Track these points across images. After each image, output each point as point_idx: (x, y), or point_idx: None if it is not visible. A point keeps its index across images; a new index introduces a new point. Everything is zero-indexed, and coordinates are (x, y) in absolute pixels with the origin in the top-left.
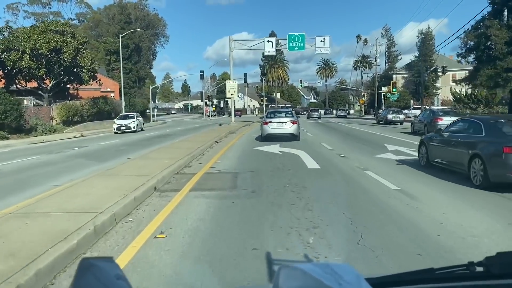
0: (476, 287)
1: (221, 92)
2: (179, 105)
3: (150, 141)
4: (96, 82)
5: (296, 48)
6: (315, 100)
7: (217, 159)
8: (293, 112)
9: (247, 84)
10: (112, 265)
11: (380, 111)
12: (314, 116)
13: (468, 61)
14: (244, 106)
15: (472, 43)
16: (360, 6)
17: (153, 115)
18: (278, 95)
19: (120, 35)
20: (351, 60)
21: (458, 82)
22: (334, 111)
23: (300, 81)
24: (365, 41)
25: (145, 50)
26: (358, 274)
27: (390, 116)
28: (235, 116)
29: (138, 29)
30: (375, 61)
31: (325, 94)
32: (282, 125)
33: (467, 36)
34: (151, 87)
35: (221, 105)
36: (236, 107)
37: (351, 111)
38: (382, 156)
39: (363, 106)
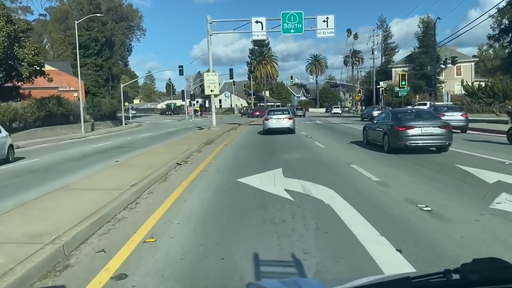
0: None
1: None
2: (162, 105)
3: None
4: (45, 77)
5: (292, 31)
6: (305, 98)
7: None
8: (290, 110)
9: (234, 82)
10: None
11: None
12: (299, 114)
13: (503, 45)
14: (231, 105)
15: (507, 22)
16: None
17: (128, 117)
18: (267, 93)
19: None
20: (340, 57)
21: (489, 73)
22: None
23: (291, 77)
24: (356, 36)
25: (119, 44)
26: None
27: (375, 113)
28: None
29: (100, 15)
30: (372, 53)
31: (316, 91)
32: (280, 121)
33: (502, 14)
34: (122, 85)
35: (207, 105)
36: (222, 107)
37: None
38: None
39: (359, 103)
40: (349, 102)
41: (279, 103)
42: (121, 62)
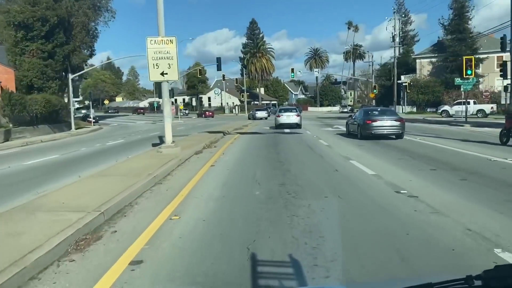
0: None
1: (193, 87)
2: (145, 103)
3: None
4: None
5: None
6: (303, 96)
7: None
8: (297, 108)
9: (224, 76)
10: None
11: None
12: (260, 116)
13: None
14: (221, 103)
15: None
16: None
17: (89, 118)
18: (262, 90)
19: None
20: (338, 55)
21: None
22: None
23: (292, 70)
24: (356, 28)
25: (79, 28)
26: None
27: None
28: (204, 116)
29: None
30: (393, 40)
31: (316, 88)
32: (290, 117)
33: None
34: (70, 76)
35: (194, 103)
36: (212, 105)
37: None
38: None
39: (373, 101)
40: (350, 101)
41: (275, 102)
42: (86, 50)
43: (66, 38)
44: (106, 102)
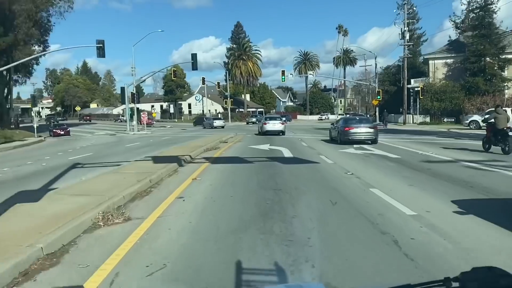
0: None
1: (170, 92)
2: (118, 109)
3: None
4: None
5: None
6: (292, 103)
7: None
8: (281, 117)
9: (203, 79)
10: None
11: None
12: (213, 124)
13: None
14: (203, 110)
15: None
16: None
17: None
18: (248, 96)
19: None
20: (326, 60)
21: None
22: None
23: (283, 73)
24: (345, 32)
25: (23, 17)
26: None
27: None
28: (84, 120)
29: None
30: (403, 37)
31: (306, 95)
32: (275, 125)
33: None
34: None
35: (171, 110)
36: (192, 113)
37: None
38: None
39: (376, 108)
40: (340, 109)
41: (261, 109)
42: (36, 45)
43: (5, 29)
44: (77, 108)
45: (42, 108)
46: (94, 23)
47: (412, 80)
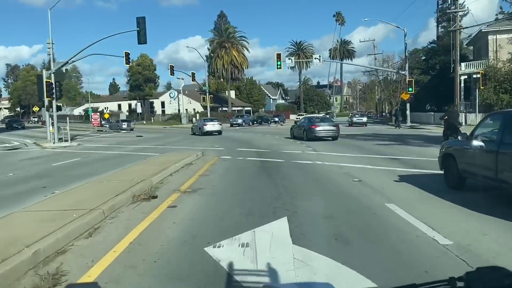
0: None
1: (137, 88)
2: (80, 110)
3: None
4: None
5: None
6: (283, 101)
7: None
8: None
9: (171, 68)
10: None
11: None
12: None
13: None
14: (179, 110)
15: None
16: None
17: None
18: (232, 93)
19: None
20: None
21: None
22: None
23: (278, 57)
24: (342, 21)
25: None
26: None
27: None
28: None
29: None
30: (453, 3)
31: (300, 91)
32: (214, 126)
33: None
34: None
35: (140, 109)
36: (166, 112)
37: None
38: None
39: (407, 105)
40: (336, 107)
41: (249, 108)
42: None
43: None
44: (35, 109)
45: (1, 109)
46: (79, 22)
47: (463, 64)
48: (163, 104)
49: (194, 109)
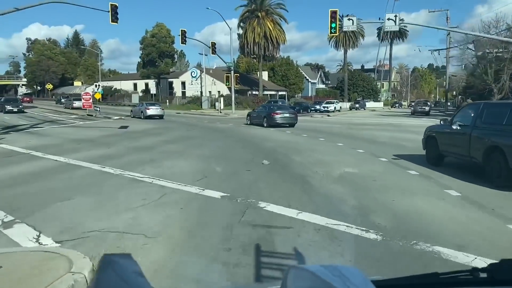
0: None
1: (151, 63)
2: (90, 89)
3: None
4: None
5: None
6: (324, 86)
7: None
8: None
9: (183, 34)
10: (131, 262)
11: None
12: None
13: None
14: (201, 92)
15: None
16: None
17: None
18: (265, 74)
19: None
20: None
21: None
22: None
23: (333, 17)
24: None
25: None
26: (364, 277)
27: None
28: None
29: None
30: None
31: (344, 73)
32: (157, 110)
33: None
34: None
35: (154, 89)
36: (186, 94)
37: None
38: None
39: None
40: (383, 94)
41: (283, 92)
42: None
43: None
44: (48, 86)
45: (19, 85)
46: None
47: None
48: (184, 84)
49: (218, 92)
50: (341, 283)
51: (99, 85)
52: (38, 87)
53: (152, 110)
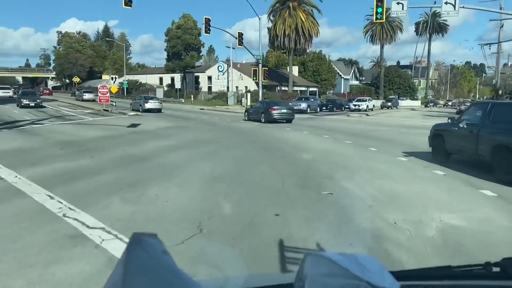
0: (491, 287)
1: (176, 56)
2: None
3: None
4: None
5: None
6: (357, 82)
7: None
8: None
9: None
10: (158, 241)
11: None
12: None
13: None
14: (228, 87)
15: None
16: None
17: None
18: (295, 70)
19: None
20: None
21: None
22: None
23: (380, 15)
24: None
25: None
26: (381, 265)
27: None
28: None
29: None
30: None
31: (380, 69)
32: (155, 104)
33: None
34: None
35: (178, 84)
36: (212, 90)
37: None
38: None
39: None
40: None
41: (314, 88)
42: None
43: None
44: (75, 79)
45: (49, 78)
46: None
47: None
48: (210, 79)
49: (246, 87)
50: (358, 271)
51: (115, 78)
52: (66, 80)
53: (150, 104)
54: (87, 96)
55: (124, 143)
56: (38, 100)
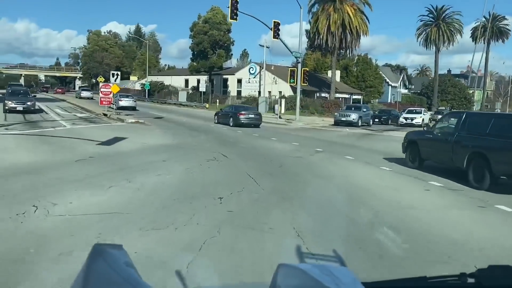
0: None
1: (202, 55)
2: (143, 81)
3: None
4: None
5: None
6: (406, 91)
7: None
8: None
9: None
10: (122, 252)
11: None
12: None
13: None
14: (259, 92)
15: None
16: None
17: None
18: (338, 74)
19: None
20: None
21: None
22: None
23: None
24: None
25: None
26: (354, 277)
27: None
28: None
29: None
30: None
31: (435, 78)
32: (129, 102)
33: None
34: None
35: (203, 87)
36: (242, 94)
37: None
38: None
39: None
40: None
41: (358, 96)
42: None
43: None
44: (100, 79)
45: (77, 78)
46: None
47: None
48: (240, 82)
49: (280, 92)
50: (331, 282)
51: (117, 74)
52: (93, 80)
53: (124, 102)
54: (84, 94)
55: (46, 188)
56: (28, 103)
